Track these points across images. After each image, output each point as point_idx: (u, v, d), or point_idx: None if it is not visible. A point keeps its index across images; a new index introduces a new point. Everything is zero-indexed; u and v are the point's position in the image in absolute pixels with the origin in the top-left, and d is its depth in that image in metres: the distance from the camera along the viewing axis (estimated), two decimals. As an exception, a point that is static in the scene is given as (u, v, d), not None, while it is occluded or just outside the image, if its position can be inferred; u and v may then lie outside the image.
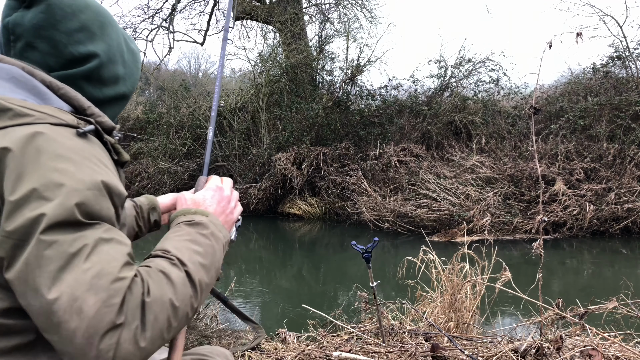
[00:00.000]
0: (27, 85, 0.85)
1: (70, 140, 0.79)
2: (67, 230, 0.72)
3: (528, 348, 2.19)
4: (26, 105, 0.80)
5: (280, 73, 12.76)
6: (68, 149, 0.78)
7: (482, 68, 12.08)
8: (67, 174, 0.75)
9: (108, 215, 0.79)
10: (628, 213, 8.30)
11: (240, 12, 14.61)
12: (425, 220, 8.94)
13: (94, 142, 0.85)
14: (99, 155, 0.83)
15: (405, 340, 2.77)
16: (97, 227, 0.76)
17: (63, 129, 0.80)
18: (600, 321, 2.64)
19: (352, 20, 14.65)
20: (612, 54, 10.88)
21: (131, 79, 1.07)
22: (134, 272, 0.77)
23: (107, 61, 0.98)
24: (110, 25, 1.00)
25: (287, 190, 11.25)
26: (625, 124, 9.57)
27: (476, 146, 10.51)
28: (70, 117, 0.84)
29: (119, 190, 0.83)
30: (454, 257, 3.33)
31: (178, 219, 0.98)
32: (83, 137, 0.83)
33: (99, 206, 0.77)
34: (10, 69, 0.86)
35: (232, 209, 1.11)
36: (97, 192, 0.77)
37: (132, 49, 1.09)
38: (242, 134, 12.68)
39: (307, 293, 6.42)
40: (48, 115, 0.80)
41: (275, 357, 2.62)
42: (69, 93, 0.89)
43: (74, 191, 0.74)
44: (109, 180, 0.80)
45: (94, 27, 0.96)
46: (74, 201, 0.74)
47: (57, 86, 0.88)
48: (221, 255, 0.96)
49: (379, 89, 12.43)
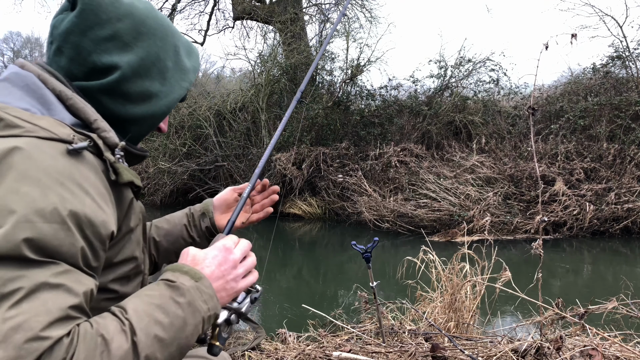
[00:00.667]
0: (35, 93, 0.82)
1: (51, 159, 0.73)
2: (5, 266, 0.64)
3: (528, 348, 2.19)
4: (22, 115, 0.76)
5: (280, 73, 12.76)
6: (41, 169, 0.71)
7: (482, 68, 12.09)
8: (26, 200, 0.68)
9: (70, 253, 0.70)
10: (628, 213, 8.30)
11: (240, 12, 14.61)
12: (425, 220, 8.93)
13: (83, 162, 0.78)
14: (82, 178, 0.75)
15: (405, 340, 2.77)
16: (48, 267, 0.67)
17: (51, 144, 0.75)
18: (600, 321, 2.64)
19: (352, 20, 14.67)
20: (612, 54, 10.88)
21: (168, 98, 0.96)
22: (67, 330, 0.66)
23: (133, 75, 0.90)
24: (151, 37, 0.92)
25: (287, 190, 11.25)
26: (625, 124, 9.57)
27: (476, 146, 10.51)
28: (66, 131, 0.78)
29: (95, 220, 0.74)
30: (454, 257, 3.33)
31: (165, 274, 0.87)
32: (73, 154, 0.76)
33: (57, 242, 0.68)
34: (25, 76, 0.84)
35: (237, 275, 0.95)
36: (57, 226, 0.69)
37: (183, 66, 0.99)
38: (242, 134, 12.68)
39: (307, 293, 6.42)
40: (40, 128, 0.75)
41: (275, 357, 2.62)
42: (76, 104, 0.84)
43: (25, 222, 0.66)
44: (81, 210, 0.72)
45: (127, 37, 0.89)
46: (23, 235, 0.66)
47: (66, 96, 0.84)
48: (194, 330, 0.82)
49: (379, 89, 12.43)
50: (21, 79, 0.83)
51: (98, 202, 0.76)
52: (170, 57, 0.95)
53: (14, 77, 0.84)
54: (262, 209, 1.32)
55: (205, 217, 1.27)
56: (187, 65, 1.00)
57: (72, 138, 0.77)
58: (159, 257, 1.26)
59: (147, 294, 0.80)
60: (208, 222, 1.27)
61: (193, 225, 1.27)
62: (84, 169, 0.77)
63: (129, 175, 0.84)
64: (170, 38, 0.96)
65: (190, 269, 0.87)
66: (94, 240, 0.74)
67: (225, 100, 13.47)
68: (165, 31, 0.95)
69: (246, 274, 0.98)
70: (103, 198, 0.78)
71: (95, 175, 0.79)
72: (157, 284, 0.84)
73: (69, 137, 0.77)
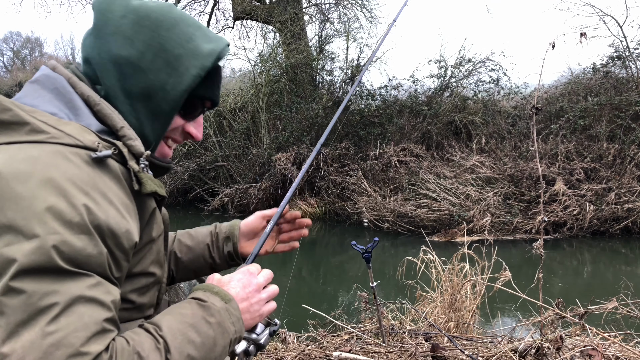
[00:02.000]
0: (65, 97, 0.82)
1: (75, 167, 0.72)
2: (41, 279, 0.64)
3: (528, 348, 2.19)
4: (48, 120, 0.75)
5: (280, 73, 12.77)
6: (66, 178, 0.70)
7: (482, 68, 12.09)
8: (54, 211, 0.66)
9: (98, 263, 0.70)
10: (628, 213, 8.30)
11: (240, 12, 14.61)
12: (425, 220, 8.93)
13: (107, 170, 0.76)
14: (105, 187, 0.74)
15: (405, 340, 2.77)
16: (81, 279, 0.67)
17: (76, 151, 0.74)
18: (600, 321, 2.64)
19: (352, 20, 14.67)
20: (612, 54, 10.88)
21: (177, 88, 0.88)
22: (105, 345, 0.67)
23: (134, 70, 0.86)
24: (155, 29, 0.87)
25: (287, 190, 11.23)
26: (625, 124, 9.57)
27: (476, 146, 10.50)
28: (91, 139, 0.77)
29: (118, 231, 0.73)
30: (454, 257, 3.33)
31: (196, 293, 0.88)
32: (97, 162, 0.75)
33: (86, 253, 0.68)
34: (56, 79, 0.84)
35: (261, 300, 0.96)
36: (85, 237, 0.68)
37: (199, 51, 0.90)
38: (242, 134, 12.68)
39: (307, 293, 6.42)
40: (65, 134, 0.75)
41: (275, 357, 2.62)
42: (103, 110, 0.83)
43: (55, 233, 0.65)
44: (104, 221, 0.71)
45: (128, 31, 0.86)
46: (54, 244, 0.65)
47: (94, 102, 0.83)
48: (222, 352, 0.84)
49: (379, 89, 12.43)
50: (51, 81, 0.83)
51: (122, 212, 0.75)
52: (181, 44, 0.88)
53: (45, 80, 0.84)
54: (289, 239, 1.30)
55: (229, 242, 1.23)
56: (203, 50, 0.90)
57: (97, 146, 0.76)
58: (177, 273, 1.24)
59: (180, 313, 0.81)
60: (231, 247, 1.23)
61: (216, 246, 1.24)
62: (108, 178, 0.76)
63: (152, 186, 0.82)
64: (182, 26, 0.89)
65: (220, 290, 0.89)
66: (116, 252, 0.74)
67: (225, 100, 13.47)
68: (175, 21, 0.89)
69: (268, 300, 0.99)
70: (126, 208, 0.77)
71: (119, 185, 0.78)
72: (188, 302, 0.85)
73: (94, 145, 0.76)
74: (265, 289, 0.99)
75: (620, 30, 11.06)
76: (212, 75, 0.94)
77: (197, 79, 0.89)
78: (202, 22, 9.45)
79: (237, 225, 1.26)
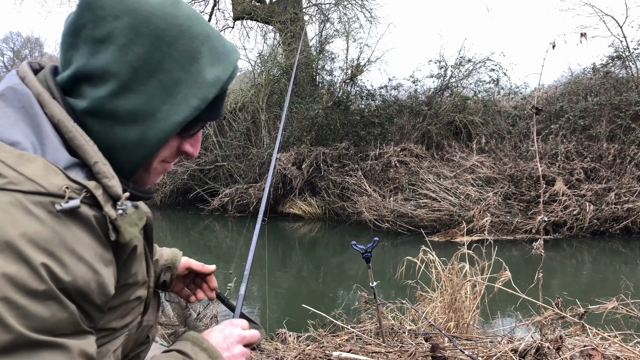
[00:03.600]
0: (32, 121, 0.69)
1: (36, 223, 0.62)
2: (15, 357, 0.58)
3: (528, 348, 2.19)
4: (7, 159, 0.64)
5: (280, 73, 12.77)
6: (26, 239, 0.60)
7: (482, 68, 12.10)
8: (14, 281, 0.59)
9: (70, 322, 0.65)
10: (628, 213, 8.30)
11: (240, 12, 14.61)
12: (425, 220, 8.93)
13: (76, 220, 0.66)
14: (74, 241, 0.65)
15: (405, 340, 2.77)
16: (54, 350, 0.62)
17: (38, 201, 0.63)
18: (600, 321, 2.64)
19: (352, 20, 14.67)
20: (612, 54, 10.88)
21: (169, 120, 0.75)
22: None
23: (123, 89, 0.72)
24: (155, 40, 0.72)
25: (287, 190, 11.25)
26: (625, 124, 9.57)
27: (476, 146, 10.51)
28: (57, 183, 0.66)
29: (88, 289, 0.66)
30: (454, 257, 3.33)
31: (184, 345, 0.86)
32: (64, 214, 0.65)
33: (55, 319, 0.63)
34: (23, 95, 0.71)
35: (244, 353, 0.94)
36: (53, 302, 0.62)
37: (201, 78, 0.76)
38: (242, 134, 12.69)
39: (307, 293, 6.43)
40: (26, 179, 0.63)
41: (275, 357, 2.62)
42: (76, 140, 0.71)
43: (18, 308, 0.59)
44: (72, 282, 0.64)
45: (122, 39, 0.71)
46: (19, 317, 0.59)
47: (65, 128, 0.71)
48: None
49: (379, 89, 12.44)
50: (18, 97, 0.71)
51: (94, 266, 0.67)
52: (183, 66, 0.74)
53: (11, 95, 0.71)
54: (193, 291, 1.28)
55: (168, 272, 1.17)
56: (206, 77, 0.76)
57: (64, 191, 0.65)
58: None
59: None
60: (169, 277, 1.17)
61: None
62: (77, 228, 0.66)
63: (131, 232, 0.73)
64: (186, 41, 0.74)
65: (209, 347, 0.87)
66: (87, 307, 0.68)
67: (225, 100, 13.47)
68: (180, 32, 0.74)
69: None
70: (100, 259, 0.69)
71: (91, 234, 0.68)
72: (172, 354, 0.84)
73: (60, 191, 0.65)
74: (247, 344, 0.97)
75: (620, 31, 11.07)
76: (216, 98, 0.81)
77: (195, 112, 0.77)
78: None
79: (179, 257, 1.19)
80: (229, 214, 11.22)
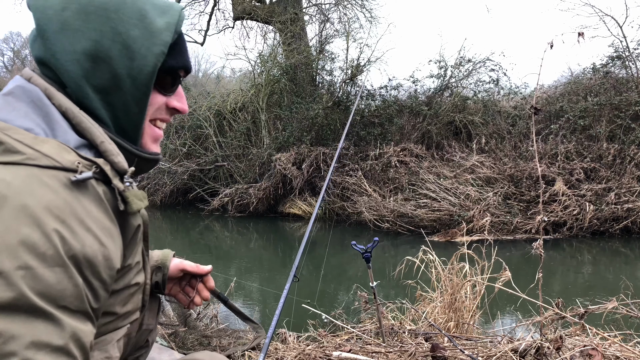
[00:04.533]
0: (41, 111, 0.76)
1: (52, 193, 0.67)
2: (11, 317, 0.60)
3: (528, 348, 2.19)
4: (24, 139, 0.70)
5: (280, 73, 12.77)
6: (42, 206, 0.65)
7: (482, 68, 12.09)
8: (26, 243, 0.62)
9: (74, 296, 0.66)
10: (628, 213, 8.30)
11: (240, 12, 14.62)
12: (425, 220, 8.94)
13: (87, 193, 0.71)
14: (84, 212, 0.69)
15: (405, 340, 2.77)
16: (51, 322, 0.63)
17: (53, 174, 0.68)
18: (600, 321, 2.64)
19: (352, 20, 14.68)
20: (612, 54, 10.88)
21: (143, 72, 0.83)
22: None
23: (95, 62, 0.80)
24: (102, 12, 0.81)
25: (287, 190, 11.25)
26: (625, 124, 9.57)
27: (476, 146, 10.51)
28: (70, 158, 0.71)
29: (95, 260, 0.69)
30: (454, 257, 3.33)
31: None
32: (75, 185, 0.70)
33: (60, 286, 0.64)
34: (31, 91, 0.78)
35: None
36: (60, 268, 0.64)
37: (153, 28, 0.84)
38: (242, 134, 12.69)
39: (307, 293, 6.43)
40: (42, 155, 0.69)
41: (275, 357, 2.62)
42: (82, 123, 0.78)
43: (27, 268, 0.61)
44: (81, 249, 0.67)
45: (75, 23, 0.79)
46: (26, 277, 0.61)
47: (72, 114, 0.78)
48: None
49: (379, 89, 12.44)
50: (27, 93, 0.77)
51: (101, 238, 0.71)
52: (135, 24, 0.82)
53: (19, 92, 0.78)
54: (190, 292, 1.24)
55: (159, 272, 1.15)
56: (158, 26, 0.84)
57: (77, 166, 0.71)
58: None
59: None
60: (160, 278, 1.15)
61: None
62: (87, 201, 0.71)
63: (138, 204, 0.78)
64: (129, 5, 0.83)
65: None
66: (94, 282, 0.70)
67: (225, 100, 13.48)
68: (121, 0, 0.82)
69: None
70: (107, 232, 0.73)
71: (100, 207, 0.73)
72: None
73: (73, 165, 0.71)
74: None
75: (620, 31, 11.07)
76: (176, 44, 0.89)
77: (161, 57, 0.84)
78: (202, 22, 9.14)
79: (169, 257, 1.18)
80: (229, 214, 11.22)
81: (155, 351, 2.56)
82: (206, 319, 3.51)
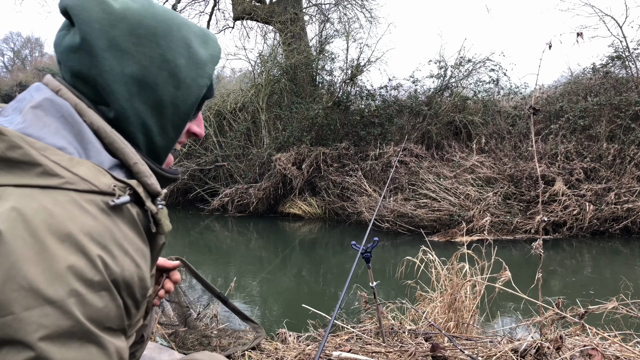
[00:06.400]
0: (73, 128, 0.74)
1: (91, 219, 0.67)
2: (67, 344, 0.61)
3: (528, 348, 2.19)
4: (61, 161, 0.69)
5: (280, 73, 12.77)
6: (83, 232, 0.65)
7: (482, 68, 12.09)
8: (74, 270, 0.63)
9: (117, 317, 0.68)
10: (628, 213, 8.30)
11: (240, 12, 14.62)
12: (425, 220, 8.94)
13: (123, 216, 0.72)
14: (121, 236, 0.70)
15: (405, 340, 2.77)
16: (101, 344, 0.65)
17: (91, 199, 0.68)
18: (600, 321, 2.64)
19: (352, 20, 14.68)
20: (612, 54, 10.88)
21: (187, 102, 0.84)
22: None
23: (140, 87, 0.79)
24: (152, 38, 0.80)
25: (287, 190, 11.26)
26: (625, 124, 9.57)
27: (476, 146, 10.51)
28: (106, 182, 0.71)
29: (132, 282, 0.70)
30: (454, 257, 3.33)
31: None
32: (112, 209, 0.70)
33: (107, 309, 0.66)
34: (62, 106, 0.75)
35: None
36: (106, 292, 0.66)
37: (198, 59, 0.85)
38: (242, 134, 12.69)
39: (307, 293, 6.42)
40: (80, 179, 0.68)
41: (275, 357, 2.62)
42: (115, 143, 0.76)
43: (78, 295, 0.62)
44: (121, 273, 0.68)
45: (124, 44, 0.77)
46: (78, 305, 0.62)
47: (105, 133, 0.76)
48: None
49: (379, 89, 12.44)
50: (56, 107, 0.75)
51: (137, 260, 0.72)
52: (181, 53, 0.82)
53: (49, 106, 0.75)
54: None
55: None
56: (202, 57, 0.85)
57: (113, 189, 0.71)
58: None
59: None
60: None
61: None
62: (123, 224, 0.71)
63: (169, 225, 0.80)
64: (176, 32, 0.82)
65: None
66: (129, 302, 0.71)
67: (225, 100, 13.48)
68: (168, 26, 0.82)
69: None
70: (141, 254, 0.74)
71: (134, 230, 0.73)
72: None
73: (110, 189, 0.70)
74: None
75: (620, 31, 11.07)
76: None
77: (204, 89, 0.86)
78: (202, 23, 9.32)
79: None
80: (229, 214, 11.22)
81: (155, 351, 2.56)
82: (206, 319, 3.51)
